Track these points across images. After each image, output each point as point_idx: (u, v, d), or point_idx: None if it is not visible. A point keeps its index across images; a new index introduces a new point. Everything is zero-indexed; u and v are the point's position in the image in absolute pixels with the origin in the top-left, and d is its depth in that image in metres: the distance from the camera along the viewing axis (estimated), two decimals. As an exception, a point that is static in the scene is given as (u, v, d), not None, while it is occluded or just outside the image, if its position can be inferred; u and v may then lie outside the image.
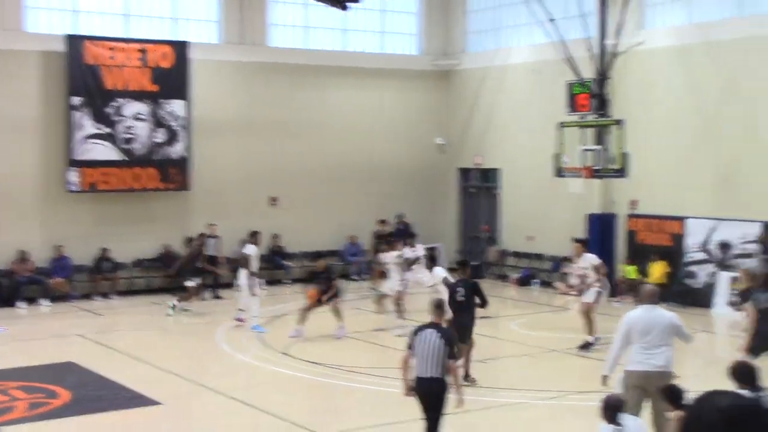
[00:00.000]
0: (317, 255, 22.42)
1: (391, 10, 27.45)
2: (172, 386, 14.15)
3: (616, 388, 9.90)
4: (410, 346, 9.78)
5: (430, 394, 9.69)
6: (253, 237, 19.24)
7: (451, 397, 9.74)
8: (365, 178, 26.46)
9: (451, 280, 15.29)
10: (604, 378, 10.16)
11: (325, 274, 17.99)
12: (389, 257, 19.12)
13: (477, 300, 13.90)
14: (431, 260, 18.12)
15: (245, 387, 14.17)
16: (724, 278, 20.25)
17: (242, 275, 18.85)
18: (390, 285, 18.88)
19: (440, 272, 16.52)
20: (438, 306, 10.16)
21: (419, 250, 19.79)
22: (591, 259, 16.83)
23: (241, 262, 19.15)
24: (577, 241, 17.90)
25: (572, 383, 14.28)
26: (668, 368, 9.85)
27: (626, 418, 8.33)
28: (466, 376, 13.48)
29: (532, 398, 13.23)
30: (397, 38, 27.65)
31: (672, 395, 8.34)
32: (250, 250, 18.82)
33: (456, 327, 12.75)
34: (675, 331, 10.02)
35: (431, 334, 9.71)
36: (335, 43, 26.61)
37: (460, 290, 13.89)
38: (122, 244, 23.27)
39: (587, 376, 15.17)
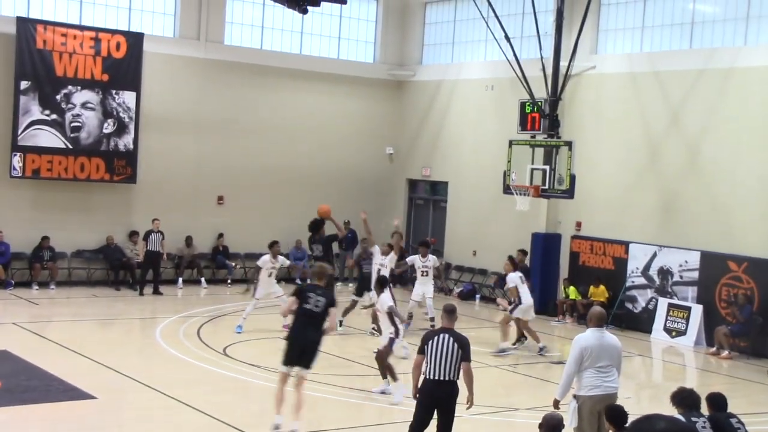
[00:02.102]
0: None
1: (350, 16, 27.45)
2: (107, 380, 13.94)
3: (569, 413, 9.91)
4: (422, 351, 10.03)
5: (445, 397, 9.95)
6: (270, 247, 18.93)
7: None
8: (313, 182, 26.37)
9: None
10: (556, 402, 10.08)
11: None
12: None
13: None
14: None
15: (180, 384, 14.01)
16: (663, 304, 20.58)
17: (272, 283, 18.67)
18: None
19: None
20: (450, 311, 10.29)
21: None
22: (511, 279, 17.93)
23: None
24: (509, 258, 18.88)
25: (508, 399, 14.37)
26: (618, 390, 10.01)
27: None
28: None
29: (465, 413, 13.24)
30: (354, 45, 27.67)
31: (616, 417, 8.44)
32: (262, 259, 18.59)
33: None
34: (619, 354, 10.14)
35: (446, 339, 9.95)
36: (292, 45, 26.52)
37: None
38: (63, 234, 22.90)
39: (523, 392, 15.34)
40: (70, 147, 22.86)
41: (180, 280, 24.00)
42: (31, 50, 22.21)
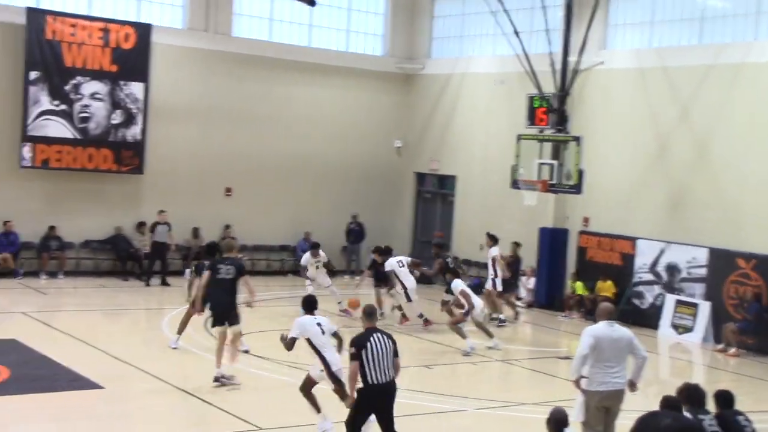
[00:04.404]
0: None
1: (358, 9, 27.42)
2: (114, 370, 13.99)
3: (576, 409, 9.93)
4: (356, 357, 9.70)
5: (390, 396, 9.84)
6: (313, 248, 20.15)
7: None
8: (321, 175, 26.38)
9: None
10: (577, 381, 10.03)
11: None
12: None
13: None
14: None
15: (186, 375, 14.05)
16: (670, 301, 20.54)
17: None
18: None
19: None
20: (371, 313, 10.16)
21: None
22: (492, 252, 19.77)
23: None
24: (488, 234, 20.75)
25: (514, 394, 14.38)
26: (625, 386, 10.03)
27: None
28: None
29: (471, 407, 13.28)
30: (363, 38, 27.63)
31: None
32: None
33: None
34: (631, 348, 10.14)
35: (380, 338, 9.84)
36: (300, 38, 26.50)
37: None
38: (71, 224, 22.98)
39: (530, 387, 15.34)
40: (79, 137, 22.90)
41: (187, 271, 23.78)
42: (40, 41, 22.24)
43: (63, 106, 22.69)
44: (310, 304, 11.38)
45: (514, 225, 23.66)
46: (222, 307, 13.67)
